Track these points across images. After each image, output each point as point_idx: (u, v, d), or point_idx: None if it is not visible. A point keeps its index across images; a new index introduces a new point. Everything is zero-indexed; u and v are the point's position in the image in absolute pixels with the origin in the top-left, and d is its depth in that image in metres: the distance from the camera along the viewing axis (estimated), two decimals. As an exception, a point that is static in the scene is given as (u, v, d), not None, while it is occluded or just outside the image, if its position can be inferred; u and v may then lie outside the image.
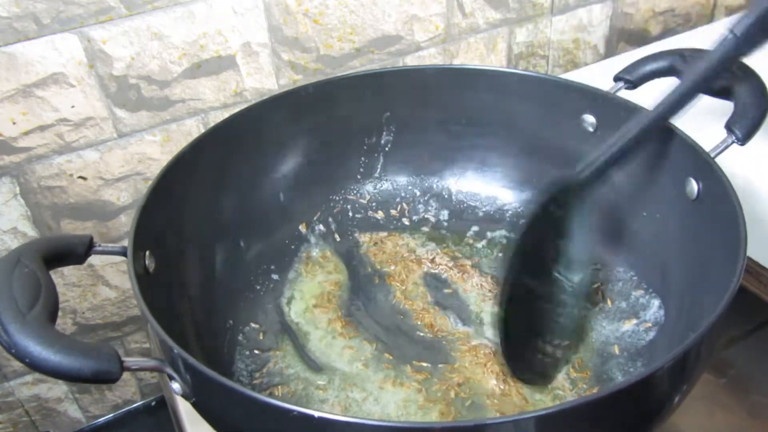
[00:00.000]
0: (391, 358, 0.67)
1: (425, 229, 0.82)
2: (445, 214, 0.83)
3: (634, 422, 0.49)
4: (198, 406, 0.52)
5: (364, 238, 0.81)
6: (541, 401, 0.63)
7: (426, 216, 0.83)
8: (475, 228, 0.82)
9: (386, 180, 0.85)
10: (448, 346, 0.68)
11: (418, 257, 0.78)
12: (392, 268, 0.77)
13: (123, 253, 0.56)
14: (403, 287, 0.75)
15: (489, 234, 0.81)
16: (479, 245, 0.80)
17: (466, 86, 0.79)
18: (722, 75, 0.62)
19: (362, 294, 0.75)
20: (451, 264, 0.77)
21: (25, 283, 0.47)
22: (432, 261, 0.77)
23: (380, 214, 0.83)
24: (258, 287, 0.75)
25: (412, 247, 0.80)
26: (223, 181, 0.73)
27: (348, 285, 0.76)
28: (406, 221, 0.83)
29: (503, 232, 0.81)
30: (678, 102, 0.62)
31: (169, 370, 0.49)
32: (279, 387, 0.65)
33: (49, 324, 0.46)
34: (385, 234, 0.82)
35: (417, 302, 0.73)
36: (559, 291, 0.68)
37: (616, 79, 0.74)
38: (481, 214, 0.83)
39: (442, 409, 0.62)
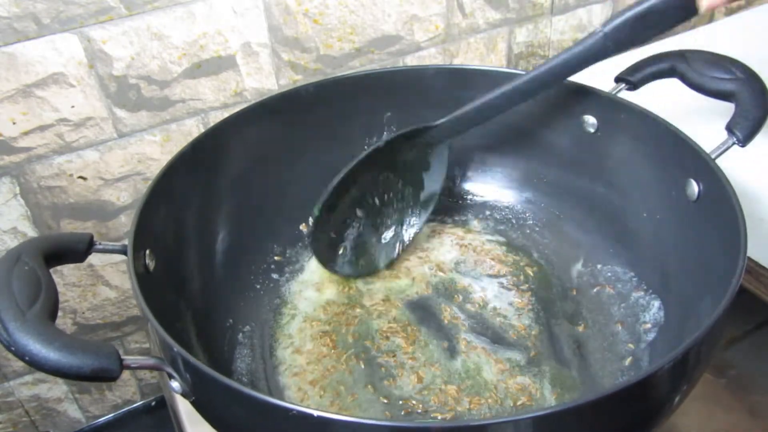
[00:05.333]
0: (387, 359, 0.67)
1: (425, 229, 0.82)
2: (445, 214, 0.83)
3: (634, 422, 0.49)
4: (197, 405, 0.52)
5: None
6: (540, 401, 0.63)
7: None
8: (475, 228, 0.82)
9: (387, 180, 0.85)
10: (455, 339, 0.68)
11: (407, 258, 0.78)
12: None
13: (123, 251, 0.56)
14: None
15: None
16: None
17: (466, 86, 0.79)
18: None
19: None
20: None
21: (26, 281, 0.47)
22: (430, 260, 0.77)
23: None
24: (258, 287, 0.75)
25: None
26: (223, 181, 0.73)
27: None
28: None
29: (503, 232, 0.81)
30: (532, 82, 0.67)
31: (169, 369, 0.49)
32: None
33: (49, 322, 0.46)
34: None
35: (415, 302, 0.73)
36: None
37: (617, 80, 0.74)
38: (481, 214, 0.83)
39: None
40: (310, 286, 0.75)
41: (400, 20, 0.93)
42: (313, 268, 0.77)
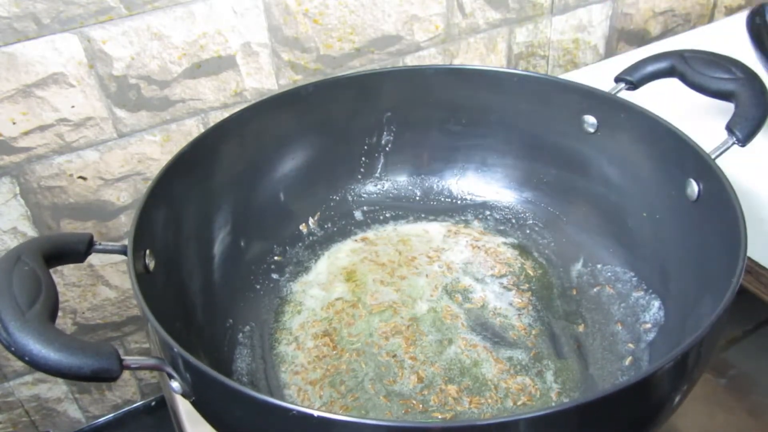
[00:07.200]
0: (387, 359, 0.67)
1: (441, 228, 0.82)
2: (445, 215, 0.84)
3: (634, 422, 0.49)
4: (198, 405, 0.52)
5: (363, 237, 0.81)
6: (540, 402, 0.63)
7: (426, 216, 0.83)
8: (477, 228, 0.82)
9: (387, 180, 0.85)
10: (455, 338, 0.68)
11: (414, 257, 0.78)
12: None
13: (123, 251, 0.56)
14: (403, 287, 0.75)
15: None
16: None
17: (466, 86, 0.79)
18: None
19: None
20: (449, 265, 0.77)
21: (25, 282, 0.47)
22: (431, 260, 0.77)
23: (381, 214, 0.84)
24: (258, 287, 0.75)
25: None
26: (222, 181, 0.73)
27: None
28: (406, 221, 0.83)
29: (503, 231, 0.81)
30: None
31: (169, 369, 0.49)
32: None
33: (49, 322, 0.46)
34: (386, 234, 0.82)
35: (417, 303, 0.73)
36: None
37: (617, 80, 0.74)
38: (481, 214, 0.83)
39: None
40: (315, 286, 0.75)
41: (400, 20, 0.93)
42: (319, 269, 0.77)
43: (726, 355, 0.71)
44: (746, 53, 0.77)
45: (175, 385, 0.49)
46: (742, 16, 1.11)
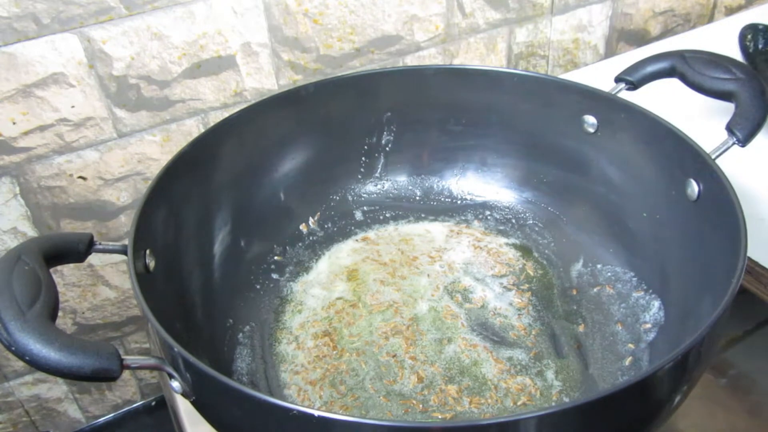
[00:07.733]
0: (387, 358, 0.67)
1: (443, 229, 0.82)
2: (445, 215, 0.84)
3: (634, 422, 0.49)
4: (198, 405, 0.52)
5: (364, 237, 0.81)
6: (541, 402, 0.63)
7: (426, 216, 0.83)
8: (478, 228, 0.82)
9: (387, 180, 0.85)
10: (455, 338, 0.68)
11: (416, 257, 0.78)
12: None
13: (123, 251, 0.56)
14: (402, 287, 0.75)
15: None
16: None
17: (466, 86, 0.79)
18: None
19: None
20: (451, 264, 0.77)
21: (26, 281, 0.47)
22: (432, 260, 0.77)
23: (381, 214, 0.83)
24: (258, 287, 0.75)
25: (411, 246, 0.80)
26: (222, 181, 0.73)
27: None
28: (407, 221, 0.83)
29: (503, 231, 0.81)
30: None
31: (169, 369, 0.49)
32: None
33: (49, 322, 0.46)
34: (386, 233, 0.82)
35: (419, 304, 0.73)
36: None
37: (617, 80, 0.74)
38: (481, 214, 0.83)
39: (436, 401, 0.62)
40: (316, 285, 0.75)
41: (400, 20, 0.93)
42: (320, 269, 0.77)
43: (726, 355, 0.71)
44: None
45: (176, 384, 0.49)
46: (742, 16, 1.11)
